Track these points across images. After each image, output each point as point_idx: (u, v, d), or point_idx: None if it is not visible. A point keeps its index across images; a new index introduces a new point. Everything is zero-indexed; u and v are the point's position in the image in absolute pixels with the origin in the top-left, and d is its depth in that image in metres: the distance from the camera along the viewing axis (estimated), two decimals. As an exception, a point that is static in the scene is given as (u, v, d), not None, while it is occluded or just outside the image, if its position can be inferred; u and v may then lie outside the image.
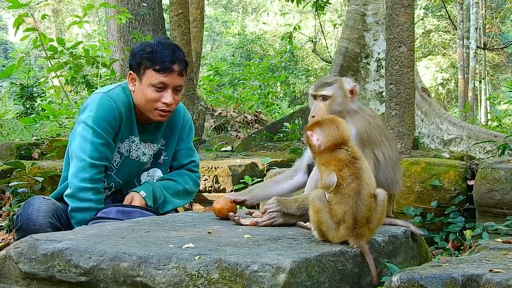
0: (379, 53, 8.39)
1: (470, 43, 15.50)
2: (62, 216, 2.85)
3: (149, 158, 3.07)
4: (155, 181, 3.10)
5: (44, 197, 2.96)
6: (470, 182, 3.94)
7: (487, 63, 22.75)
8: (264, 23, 27.06)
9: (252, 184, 4.54)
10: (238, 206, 2.70)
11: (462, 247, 3.74)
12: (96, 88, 7.22)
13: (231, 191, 4.59)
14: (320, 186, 2.09)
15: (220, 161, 4.93)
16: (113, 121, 2.88)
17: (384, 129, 2.60)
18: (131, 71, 2.95)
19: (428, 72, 24.33)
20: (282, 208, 2.39)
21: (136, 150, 3.01)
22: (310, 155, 2.31)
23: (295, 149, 5.65)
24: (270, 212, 2.41)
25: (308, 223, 2.26)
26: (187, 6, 6.29)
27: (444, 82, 24.60)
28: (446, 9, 16.70)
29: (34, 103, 9.80)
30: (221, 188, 4.64)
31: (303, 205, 2.35)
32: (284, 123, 7.55)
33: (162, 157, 3.12)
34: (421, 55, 23.93)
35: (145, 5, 9.08)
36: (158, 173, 3.12)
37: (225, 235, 2.19)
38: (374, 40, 8.49)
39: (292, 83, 20.27)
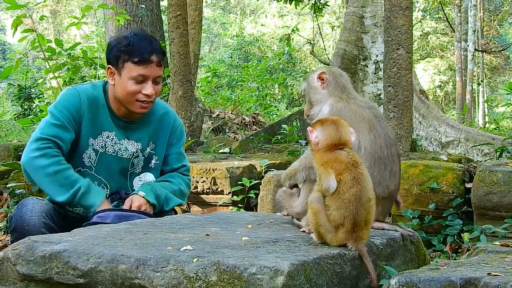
0: (377, 56, 8.38)
1: (468, 45, 15.52)
2: (56, 216, 2.85)
3: (131, 155, 3.03)
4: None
5: (37, 197, 2.96)
6: (468, 185, 3.94)
7: (485, 66, 22.80)
8: (262, 25, 27.08)
9: (250, 186, 4.55)
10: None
11: (460, 250, 3.74)
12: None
13: (229, 193, 4.59)
14: (317, 189, 2.08)
15: (218, 163, 4.93)
16: (72, 109, 2.90)
17: (373, 119, 2.44)
18: (109, 65, 2.95)
19: (426, 74, 24.35)
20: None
21: (113, 145, 2.99)
22: None
23: (293, 151, 5.64)
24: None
25: (302, 221, 2.29)
26: (185, 7, 6.29)
27: (442, 85, 24.62)
28: (444, 11, 16.72)
29: (32, 104, 9.81)
30: (219, 190, 4.64)
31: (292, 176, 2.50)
32: (282, 125, 7.53)
33: (153, 161, 3.11)
34: (419, 58, 23.97)
35: (143, 6, 9.07)
36: (149, 177, 3.10)
37: (223, 237, 2.18)
38: (372, 42, 8.48)
39: (290, 85, 20.27)
